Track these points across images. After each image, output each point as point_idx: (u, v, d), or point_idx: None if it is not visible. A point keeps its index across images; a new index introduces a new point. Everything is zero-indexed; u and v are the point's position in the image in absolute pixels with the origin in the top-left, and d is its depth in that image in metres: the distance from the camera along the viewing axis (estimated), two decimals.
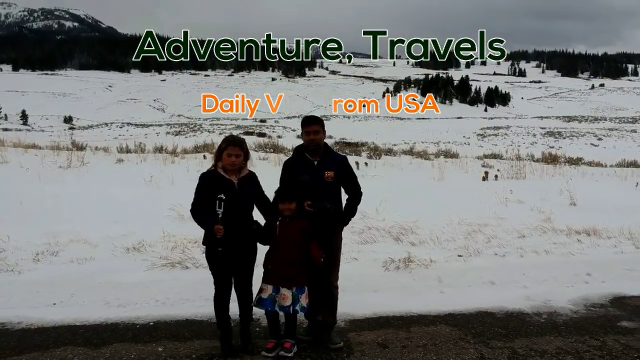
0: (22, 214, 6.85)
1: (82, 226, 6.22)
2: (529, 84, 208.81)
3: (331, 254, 3.10)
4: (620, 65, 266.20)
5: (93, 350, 2.98)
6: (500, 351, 3.03)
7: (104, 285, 4.09)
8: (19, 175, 8.76)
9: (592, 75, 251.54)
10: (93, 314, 3.49)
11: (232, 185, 2.95)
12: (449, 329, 3.35)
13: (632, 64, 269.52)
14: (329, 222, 3.07)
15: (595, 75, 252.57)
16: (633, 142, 65.00)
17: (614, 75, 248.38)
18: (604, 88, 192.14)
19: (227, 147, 2.97)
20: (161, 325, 3.33)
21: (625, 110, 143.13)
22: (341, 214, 3.19)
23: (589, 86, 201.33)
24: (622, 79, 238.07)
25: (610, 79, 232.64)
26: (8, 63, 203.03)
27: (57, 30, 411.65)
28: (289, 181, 3.14)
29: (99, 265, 4.78)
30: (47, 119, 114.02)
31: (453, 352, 3.01)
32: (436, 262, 4.72)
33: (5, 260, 4.87)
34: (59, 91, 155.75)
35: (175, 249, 5.44)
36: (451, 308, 3.67)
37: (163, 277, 4.32)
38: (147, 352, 2.96)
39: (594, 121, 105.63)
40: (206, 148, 14.88)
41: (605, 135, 72.48)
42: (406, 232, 6.41)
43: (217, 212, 2.84)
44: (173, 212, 6.94)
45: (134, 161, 10.45)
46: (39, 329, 3.27)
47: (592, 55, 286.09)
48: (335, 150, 4.56)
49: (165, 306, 3.64)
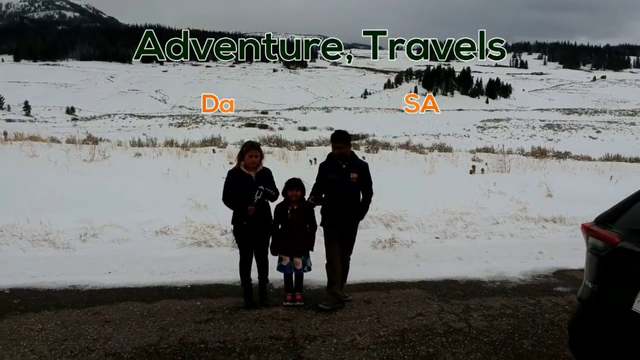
0: (57, 203, 7.75)
1: (111, 213, 7.13)
2: (530, 76, 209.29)
3: (350, 240, 4.06)
4: (622, 57, 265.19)
5: (147, 304, 3.93)
6: (457, 306, 3.98)
7: (145, 259, 5.04)
8: (49, 168, 9.67)
9: (594, 67, 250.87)
10: (141, 279, 4.45)
11: (251, 178, 3.89)
12: (420, 291, 4.30)
13: (634, 55, 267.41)
14: (349, 216, 3.98)
15: (597, 67, 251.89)
16: (632, 134, 65.11)
17: (616, 67, 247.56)
18: (605, 80, 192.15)
19: (248, 150, 3.91)
20: (197, 288, 4.29)
21: (627, 103, 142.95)
22: (361, 209, 4.05)
23: (591, 78, 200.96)
24: (624, 71, 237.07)
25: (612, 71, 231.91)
26: (9, 53, 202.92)
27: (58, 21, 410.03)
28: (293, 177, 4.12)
29: (136, 245, 5.72)
30: (49, 110, 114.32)
31: (420, 306, 3.96)
32: (416, 243, 5.68)
33: (56, 240, 5.81)
34: (60, 82, 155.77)
35: (196, 232, 6.36)
36: (424, 277, 4.63)
37: (192, 253, 5.27)
38: (188, 305, 3.92)
39: (594, 114, 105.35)
40: (214, 142, 15.77)
41: (604, 128, 72.41)
42: (396, 220, 7.33)
43: (255, 198, 3.78)
44: (191, 202, 7.87)
45: (151, 155, 11.37)
46: (102, 290, 4.23)
47: (594, 47, 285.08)
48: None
49: (198, 274, 4.59)
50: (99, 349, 3.16)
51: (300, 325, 3.57)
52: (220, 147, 14.34)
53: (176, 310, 3.78)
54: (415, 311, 3.85)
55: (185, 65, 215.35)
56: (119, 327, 3.47)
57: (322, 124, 77.76)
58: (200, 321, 3.59)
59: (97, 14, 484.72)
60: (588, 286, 2.46)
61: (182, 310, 3.81)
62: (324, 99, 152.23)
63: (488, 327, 3.57)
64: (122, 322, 3.56)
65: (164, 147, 12.61)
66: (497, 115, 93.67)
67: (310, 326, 3.55)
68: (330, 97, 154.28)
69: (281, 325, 3.57)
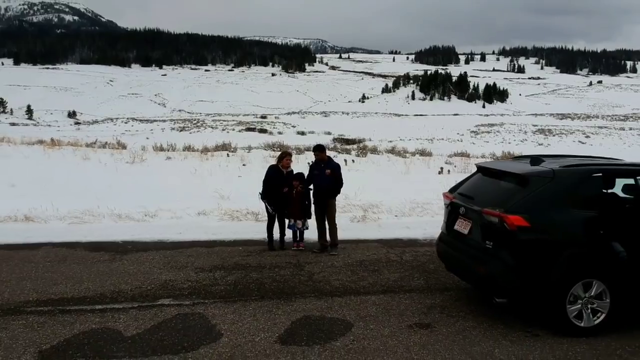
0: (114, 194, 10.23)
1: (158, 202, 9.61)
2: (527, 81, 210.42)
3: (326, 208, 6.56)
4: (619, 61, 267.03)
5: (209, 248, 6.45)
6: (397, 250, 6.52)
7: (198, 227, 7.57)
8: (101, 169, 12.21)
9: (591, 72, 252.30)
10: (201, 237, 6.98)
11: (283, 174, 6.48)
12: (376, 244, 6.85)
13: (631, 60, 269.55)
14: (325, 192, 6.54)
15: (594, 72, 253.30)
16: (619, 139, 67.07)
17: (612, 72, 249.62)
18: (601, 85, 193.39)
19: (286, 156, 6.59)
20: (237, 241, 6.82)
21: (622, 107, 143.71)
22: (331, 189, 6.60)
23: (587, 83, 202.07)
24: (620, 76, 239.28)
25: (609, 76, 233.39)
26: (9, 57, 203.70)
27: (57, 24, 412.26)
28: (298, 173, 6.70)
29: (187, 220, 8.23)
30: (51, 114, 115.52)
31: (375, 250, 6.50)
32: (380, 219, 8.23)
33: (131, 216, 8.30)
34: (60, 85, 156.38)
35: (226, 214, 8.89)
36: (381, 237, 7.17)
37: (228, 224, 7.81)
38: (234, 249, 6.45)
39: (586, 119, 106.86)
40: (225, 147, 18.34)
41: (593, 133, 74.21)
42: (372, 207, 9.84)
43: (295, 186, 6.36)
44: (216, 194, 10.37)
45: (178, 158, 13.95)
46: (178, 242, 6.76)
47: (591, 52, 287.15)
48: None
49: (237, 235, 7.12)
50: (189, 266, 5.68)
51: (302, 257, 6.12)
52: (231, 152, 16.89)
53: (227, 251, 6.32)
54: (371, 252, 6.39)
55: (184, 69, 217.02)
56: (196, 258, 5.99)
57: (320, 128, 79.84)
58: (243, 255, 6.13)
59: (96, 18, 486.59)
60: (444, 223, 5.00)
61: (231, 251, 6.34)
62: (322, 103, 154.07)
63: (412, 259, 6.12)
64: (197, 256, 6.09)
65: (188, 152, 15.13)
66: (491, 120, 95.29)
67: (308, 258, 6.11)
68: (329, 101, 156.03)
69: (291, 257, 6.12)
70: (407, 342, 3.80)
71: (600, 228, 4.07)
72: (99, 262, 5.68)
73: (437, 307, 4.57)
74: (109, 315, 4.18)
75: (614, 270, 4.04)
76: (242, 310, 4.36)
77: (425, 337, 3.90)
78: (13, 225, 7.30)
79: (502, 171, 4.64)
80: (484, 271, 4.17)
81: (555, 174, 4.18)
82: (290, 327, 4.04)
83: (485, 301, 4.55)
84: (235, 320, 4.14)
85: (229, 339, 3.79)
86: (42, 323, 3.99)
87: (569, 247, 4.03)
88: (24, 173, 11.02)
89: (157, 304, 4.46)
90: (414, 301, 4.71)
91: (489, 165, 5.06)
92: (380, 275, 5.47)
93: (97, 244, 6.44)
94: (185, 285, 5.00)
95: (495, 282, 4.11)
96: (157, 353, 3.54)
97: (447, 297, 4.86)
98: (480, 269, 4.21)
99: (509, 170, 4.54)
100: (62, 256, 5.88)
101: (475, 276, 4.42)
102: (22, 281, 4.99)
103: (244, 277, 5.31)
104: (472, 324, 4.18)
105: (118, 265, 5.60)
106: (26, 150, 14.09)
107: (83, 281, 5.04)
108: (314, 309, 4.45)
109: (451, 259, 4.81)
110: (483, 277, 4.22)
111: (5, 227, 7.16)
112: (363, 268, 5.74)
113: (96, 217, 8.21)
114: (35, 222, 7.41)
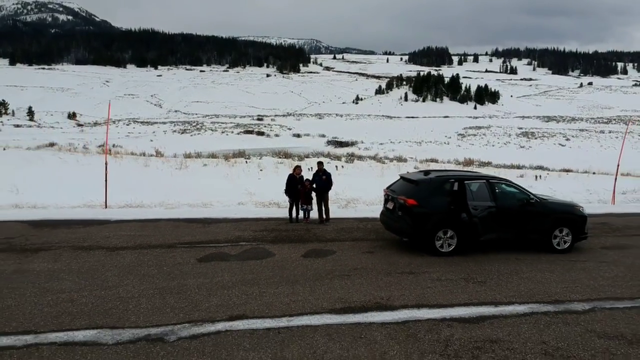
0: (175, 192, 14.68)
1: (206, 198, 14.18)
2: (519, 82, 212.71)
3: (324, 200, 11.24)
4: (610, 63, 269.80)
5: (255, 222, 11.03)
6: (365, 223, 11.16)
7: (238, 210, 12.13)
8: (159, 174, 16.65)
9: (582, 73, 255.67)
10: (248, 216, 11.55)
11: (296, 179, 11.14)
12: (353, 220, 11.50)
13: (622, 62, 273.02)
14: (323, 190, 11.19)
15: (586, 73, 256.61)
16: (597, 142, 69.25)
17: (603, 73, 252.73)
18: (592, 86, 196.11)
19: (297, 168, 11.31)
20: (271, 219, 11.42)
21: (611, 109, 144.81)
22: (326, 188, 11.26)
23: (578, 84, 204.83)
24: (611, 77, 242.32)
25: (599, 77, 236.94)
26: (4, 57, 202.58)
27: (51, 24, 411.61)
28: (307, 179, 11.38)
29: (233, 208, 12.77)
30: (51, 115, 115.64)
31: (351, 223, 11.14)
32: (357, 207, 12.88)
33: (198, 204, 12.82)
34: (57, 86, 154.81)
35: (257, 204, 13.49)
36: (356, 216, 11.81)
37: (261, 210, 12.39)
38: (269, 222, 11.05)
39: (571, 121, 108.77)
40: (241, 154, 22.87)
41: (574, 135, 76.05)
42: (353, 200, 14.53)
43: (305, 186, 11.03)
44: (246, 191, 14.95)
45: (212, 165, 18.46)
46: (235, 219, 11.30)
47: (583, 54, 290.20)
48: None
49: (268, 214, 11.71)
50: (248, 229, 10.23)
51: (309, 226, 10.76)
52: (247, 158, 21.40)
53: (265, 223, 10.91)
54: (349, 224, 11.03)
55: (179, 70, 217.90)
56: (249, 225, 10.55)
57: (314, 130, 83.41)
58: (275, 225, 10.73)
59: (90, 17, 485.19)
60: (383, 205, 9.62)
61: (267, 223, 10.92)
62: (317, 104, 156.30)
63: (371, 227, 10.74)
64: (249, 225, 10.63)
65: (218, 159, 19.69)
66: (480, 123, 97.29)
67: (312, 226, 10.76)
68: (323, 103, 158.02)
69: (303, 226, 10.77)
70: (361, 258, 8.40)
71: (451, 205, 8.70)
72: (197, 228, 10.23)
73: (378, 245, 9.22)
74: (219, 248, 8.73)
75: (459, 225, 8.67)
76: (282, 246, 8.96)
77: (370, 256, 8.51)
78: (129, 210, 11.83)
79: (409, 178, 9.28)
80: (398, 226, 8.81)
81: (431, 180, 8.83)
82: (305, 252, 8.62)
83: (399, 241, 9.20)
84: (279, 250, 8.72)
85: (278, 256, 8.36)
86: (188, 250, 8.52)
87: (437, 214, 8.66)
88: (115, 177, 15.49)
89: (239, 244, 9.02)
90: (367, 243, 9.34)
91: (404, 175, 9.72)
92: (352, 234, 10.11)
93: (190, 219, 10.98)
94: (250, 237, 9.58)
95: (403, 231, 8.74)
96: (247, 259, 8.10)
97: (384, 241, 9.50)
98: (397, 225, 8.84)
99: (412, 178, 9.20)
100: (175, 225, 10.42)
101: (395, 229, 9.06)
102: (168, 235, 9.54)
103: (279, 234, 9.92)
104: (394, 251, 8.81)
105: (209, 229, 10.15)
106: (99, 158, 18.50)
107: (196, 235, 9.60)
108: (316, 246, 9.06)
109: (385, 222, 9.46)
110: (398, 229, 8.86)
111: (127, 211, 11.69)
112: (343, 231, 10.36)
113: (174, 206, 12.74)
114: (144, 207, 11.95)
